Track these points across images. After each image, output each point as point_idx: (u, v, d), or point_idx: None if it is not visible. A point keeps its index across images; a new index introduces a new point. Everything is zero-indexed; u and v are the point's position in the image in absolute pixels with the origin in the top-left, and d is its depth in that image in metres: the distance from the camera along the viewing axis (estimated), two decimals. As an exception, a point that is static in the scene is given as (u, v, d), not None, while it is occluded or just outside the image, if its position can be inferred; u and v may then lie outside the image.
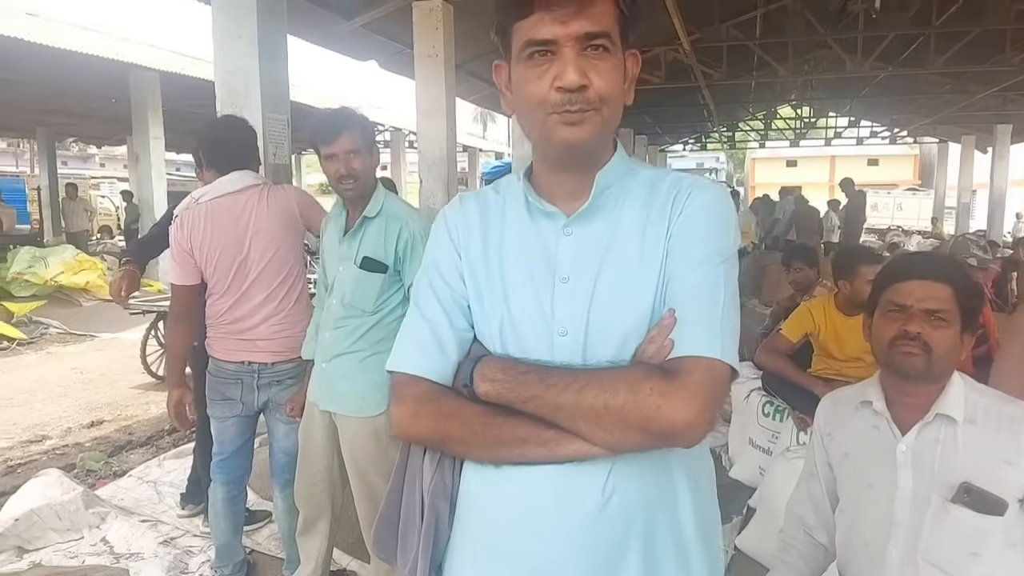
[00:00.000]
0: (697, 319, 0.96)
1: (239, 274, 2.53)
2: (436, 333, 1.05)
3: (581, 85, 0.92)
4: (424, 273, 1.11)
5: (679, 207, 1.01)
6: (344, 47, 8.52)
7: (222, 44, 4.26)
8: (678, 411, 0.90)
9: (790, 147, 22.54)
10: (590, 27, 0.93)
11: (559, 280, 1.01)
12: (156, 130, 11.59)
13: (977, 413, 1.45)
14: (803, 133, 20.42)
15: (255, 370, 2.57)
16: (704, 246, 0.99)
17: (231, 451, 2.68)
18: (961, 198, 19.85)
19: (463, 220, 1.11)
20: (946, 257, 1.75)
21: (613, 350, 0.98)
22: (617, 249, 1.01)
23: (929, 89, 13.73)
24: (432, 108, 7.15)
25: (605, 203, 1.03)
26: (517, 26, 0.96)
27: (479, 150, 25.76)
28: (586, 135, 0.96)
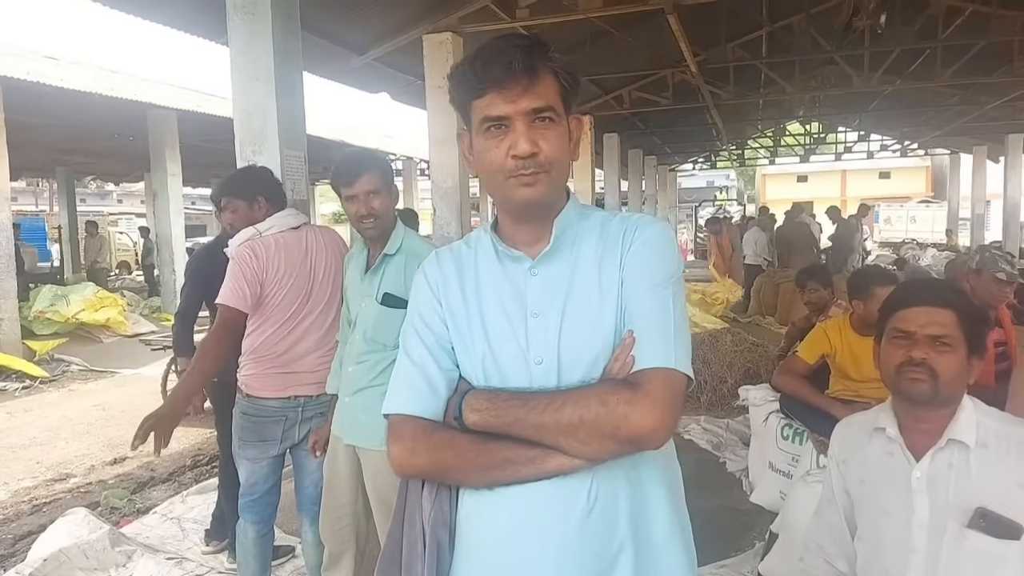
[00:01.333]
0: (652, 336, 1.10)
1: (301, 306, 2.61)
2: (426, 375, 1.17)
3: (532, 153, 1.09)
4: (409, 323, 1.24)
5: (628, 241, 1.16)
6: (357, 81, 8.68)
7: (240, 85, 4.37)
8: (643, 417, 1.03)
9: (800, 163, 22.51)
10: (536, 103, 1.09)
11: (530, 315, 1.15)
12: (174, 167, 11.81)
13: (988, 437, 1.46)
14: (813, 149, 20.46)
15: (300, 404, 2.62)
16: (653, 273, 1.13)
17: (263, 491, 2.70)
18: (975, 209, 19.71)
19: (440, 272, 1.25)
20: (947, 283, 1.77)
21: (583, 372, 1.12)
22: (579, 283, 1.15)
23: (938, 101, 13.74)
24: (444, 137, 7.24)
25: (563, 244, 1.18)
26: (474, 104, 1.11)
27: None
28: (539, 194, 1.12)
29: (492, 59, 1.08)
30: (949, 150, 21.99)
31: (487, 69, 1.08)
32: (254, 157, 4.22)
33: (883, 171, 33.65)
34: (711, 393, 5.88)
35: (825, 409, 3.29)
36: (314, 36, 6.63)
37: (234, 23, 4.34)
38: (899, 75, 10.85)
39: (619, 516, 1.11)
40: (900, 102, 14.20)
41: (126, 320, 10.83)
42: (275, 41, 4.27)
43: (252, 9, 4.29)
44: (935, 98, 13.53)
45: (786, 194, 32.81)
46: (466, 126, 1.17)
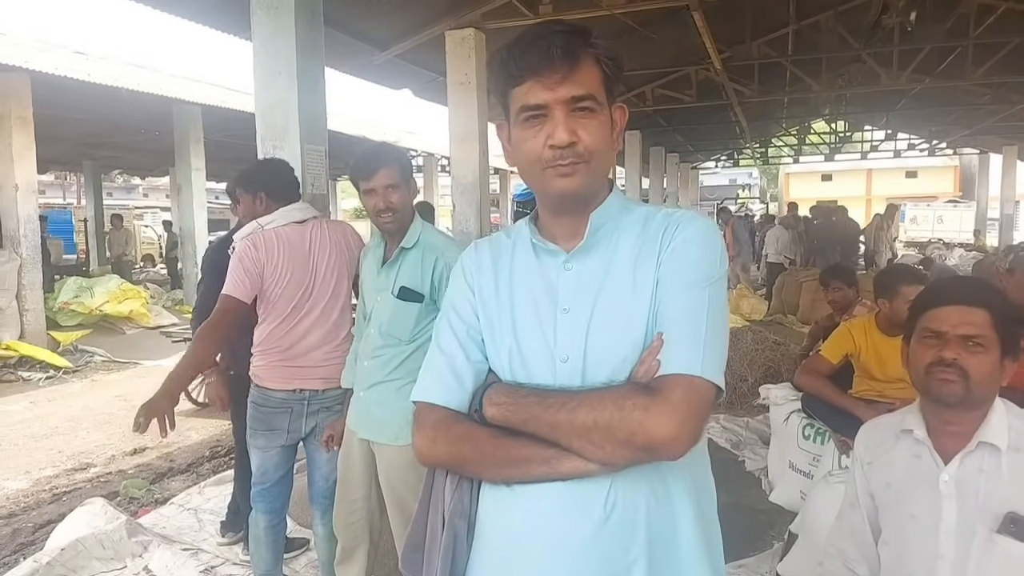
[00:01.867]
0: (681, 339, 1.05)
1: (303, 301, 2.61)
2: (453, 365, 1.16)
3: (570, 142, 1.05)
4: (444, 312, 1.23)
5: (668, 239, 1.11)
6: (379, 77, 8.69)
7: (263, 80, 4.37)
8: (659, 425, 0.98)
9: (825, 161, 22.23)
10: (576, 91, 1.05)
11: (560, 311, 1.12)
12: (197, 161, 11.93)
13: (1021, 440, 1.41)
14: (838, 147, 20.18)
15: (305, 397, 2.63)
16: (690, 273, 1.08)
17: (273, 480, 2.71)
18: (1004, 209, 19.34)
19: (476, 263, 1.24)
20: (982, 281, 1.72)
21: (610, 372, 1.07)
22: (612, 281, 1.11)
23: (968, 100, 13.48)
24: (465, 134, 7.24)
25: (600, 239, 1.14)
26: (513, 92, 1.09)
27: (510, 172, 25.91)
28: (577, 185, 1.08)
29: (530, 46, 1.05)
30: (978, 149, 21.57)
31: (525, 56, 1.06)
32: (274, 152, 4.23)
33: (910, 170, 33.11)
34: (731, 391, 5.82)
35: (849, 409, 3.23)
36: (337, 32, 6.64)
37: (258, 17, 4.35)
38: (928, 73, 10.66)
39: (638, 527, 1.06)
40: (929, 101, 13.95)
41: (149, 312, 10.97)
42: (298, 36, 4.27)
43: (276, 4, 4.30)
44: (965, 97, 13.26)
45: (810, 193, 32.46)
46: (504, 116, 1.15)
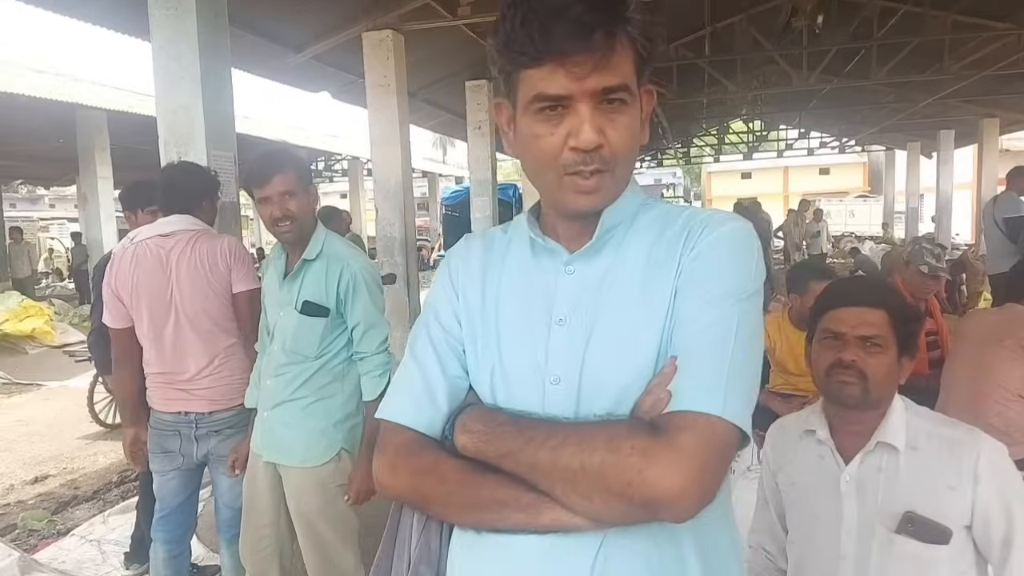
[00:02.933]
0: (699, 367, 0.83)
1: (165, 320, 2.45)
2: (427, 380, 0.97)
3: (598, 145, 0.85)
4: (422, 316, 1.05)
5: (691, 242, 0.90)
6: (294, 79, 8.48)
7: (164, 84, 4.18)
8: (663, 476, 0.77)
9: (744, 160, 22.98)
10: (608, 81, 0.84)
11: (555, 322, 0.92)
12: (104, 170, 11.37)
13: (919, 439, 1.42)
14: (756, 146, 20.90)
15: (192, 420, 2.48)
16: (717, 283, 0.87)
17: (173, 507, 2.56)
18: (909, 203, 20.42)
19: (464, 261, 1.05)
20: (880, 282, 1.75)
21: (610, 402, 0.87)
22: (620, 289, 0.91)
23: (874, 99, 14.15)
24: (386, 137, 7.12)
25: (611, 240, 0.94)
26: (525, 73, 0.86)
27: (439, 175, 25.76)
28: (599, 201, 0.90)
29: (555, 18, 0.81)
30: (885, 146, 22.73)
31: (548, 31, 0.81)
32: (178, 158, 4.03)
33: (823, 167, 34.59)
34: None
35: (764, 404, 3.30)
36: (246, 33, 6.43)
37: (156, 19, 4.15)
38: (836, 74, 11.13)
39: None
40: (838, 100, 14.59)
41: (53, 330, 10.35)
42: (200, 37, 4.09)
43: (175, 5, 4.10)
44: (871, 96, 13.93)
45: (731, 191, 33.66)
46: (506, 94, 0.92)
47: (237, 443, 2.47)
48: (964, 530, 1.36)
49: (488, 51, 0.92)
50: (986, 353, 2.88)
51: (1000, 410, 2.80)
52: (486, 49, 0.92)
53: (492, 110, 0.97)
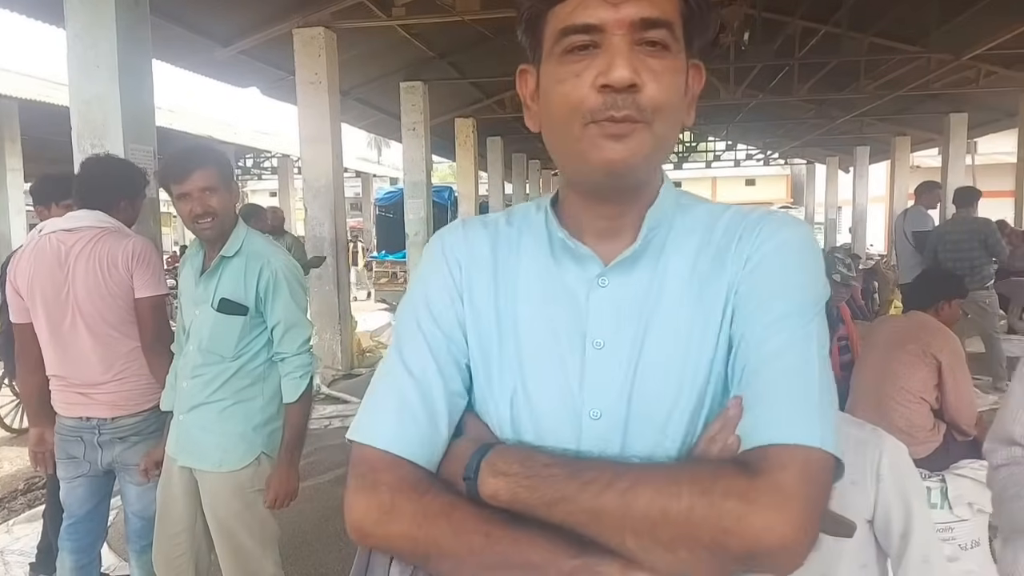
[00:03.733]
0: (785, 395, 0.72)
1: (61, 320, 2.33)
2: (426, 396, 0.79)
3: (631, 83, 0.70)
4: (411, 311, 0.84)
5: (745, 250, 0.78)
6: (221, 74, 8.22)
7: (79, 73, 4.00)
8: (769, 521, 0.65)
9: (674, 170, 23.53)
10: (648, 12, 0.71)
11: (592, 345, 0.78)
12: (14, 161, 10.77)
13: None
14: (685, 156, 21.44)
15: (94, 426, 2.37)
16: (786, 299, 0.75)
17: (80, 515, 2.45)
18: (828, 214, 21.38)
19: (467, 252, 0.86)
20: None
21: (653, 439, 0.76)
22: (666, 308, 0.78)
23: (796, 115, 14.77)
24: (316, 135, 7.00)
25: (650, 247, 0.81)
26: (552, 12, 0.74)
27: (373, 176, 25.45)
28: (632, 154, 0.73)
29: None
30: (806, 160, 23.74)
31: None
32: (92, 151, 3.85)
33: (749, 179, 35.75)
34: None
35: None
36: (171, 24, 6.21)
37: (71, 5, 3.98)
38: (761, 89, 11.55)
39: None
40: (763, 115, 15.13)
41: (-43, 330, 9.74)
42: (119, 26, 3.94)
43: (92, -10, 3.93)
44: (793, 112, 14.52)
45: (662, 199, 34.42)
46: (532, 58, 0.80)
47: (145, 450, 2.37)
48: (867, 524, 1.43)
49: (516, 7, 0.80)
50: (891, 358, 3.04)
51: (903, 411, 2.96)
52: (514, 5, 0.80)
53: (516, 83, 0.84)
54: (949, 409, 2.97)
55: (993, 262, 6.14)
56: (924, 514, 1.49)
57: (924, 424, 2.96)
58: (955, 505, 2.76)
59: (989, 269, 6.10)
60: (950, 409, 2.97)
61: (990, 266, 6.11)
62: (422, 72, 9.51)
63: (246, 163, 21.43)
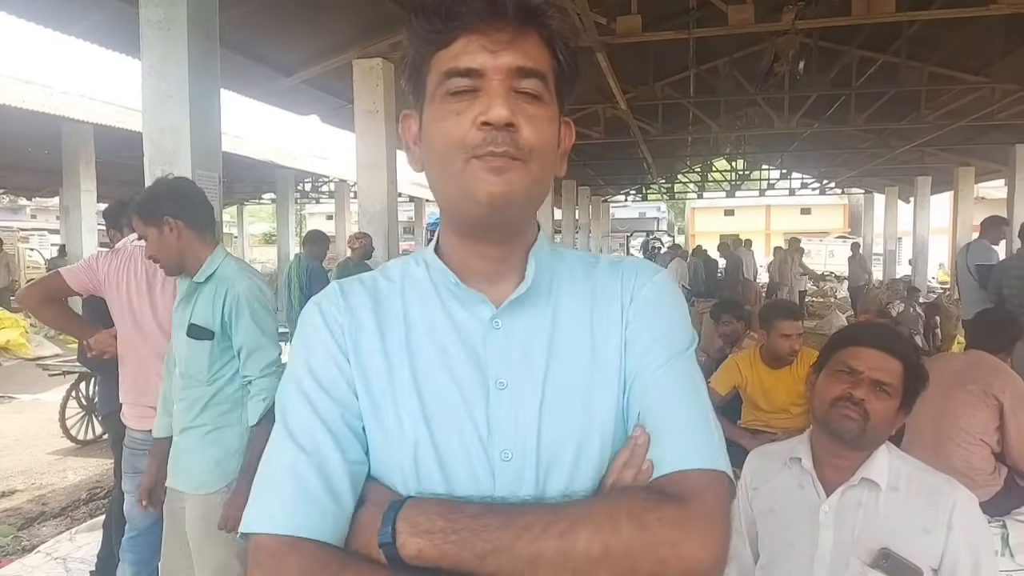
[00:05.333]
0: (688, 424, 0.78)
1: (144, 331, 2.50)
2: (324, 470, 0.75)
3: (509, 122, 0.75)
4: (294, 384, 0.81)
5: (629, 292, 0.85)
6: (284, 102, 8.53)
7: (152, 103, 4.21)
8: (699, 546, 0.69)
9: (727, 197, 23.29)
10: (524, 62, 0.77)
11: (495, 386, 0.79)
12: (88, 183, 11.31)
13: (900, 480, 1.48)
14: (738, 184, 21.19)
15: None
16: (670, 337, 0.83)
17: (142, 528, 2.55)
18: (887, 245, 20.78)
19: (347, 310, 0.84)
20: (905, 335, 1.82)
21: (566, 476, 0.78)
22: (564, 344, 0.82)
23: (853, 144, 14.48)
24: (372, 162, 7.18)
25: (539, 288, 0.84)
26: (436, 57, 0.79)
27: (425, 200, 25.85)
28: (512, 187, 0.76)
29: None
30: (864, 189, 23.16)
31: (460, 4, 0.76)
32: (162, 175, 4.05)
33: (804, 207, 35.12)
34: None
35: (735, 440, 3.34)
36: (237, 55, 6.49)
37: (147, 37, 4.20)
38: (817, 118, 11.39)
39: None
40: (818, 143, 14.88)
41: (28, 342, 10.22)
42: (191, 59, 4.14)
43: (167, 24, 4.16)
44: (850, 141, 14.25)
45: (714, 227, 34.12)
46: (416, 103, 0.84)
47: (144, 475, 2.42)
48: (932, 572, 1.41)
49: (399, 57, 0.84)
50: (950, 397, 2.95)
51: (963, 453, 2.86)
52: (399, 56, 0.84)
53: (399, 128, 0.90)
54: (1011, 452, 2.86)
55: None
56: (992, 569, 1.46)
57: (984, 467, 2.86)
58: (1016, 553, 2.66)
59: (1057, 306, 5.85)
60: (1012, 452, 2.86)
61: (1058, 303, 5.86)
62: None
63: (304, 187, 22.06)
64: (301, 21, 6.50)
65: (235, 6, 5.58)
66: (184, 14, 4.10)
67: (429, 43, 0.79)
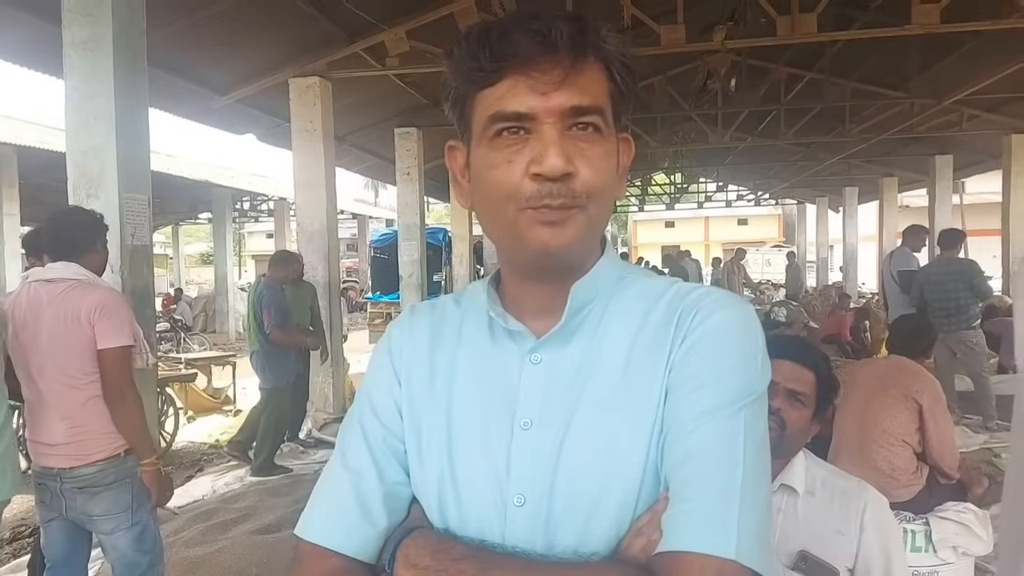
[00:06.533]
0: (701, 495, 0.67)
1: (33, 367, 2.43)
2: (360, 489, 0.78)
3: (566, 172, 0.69)
4: (357, 407, 0.85)
5: (683, 329, 0.74)
6: (219, 121, 8.37)
7: (76, 125, 4.08)
8: None
9: (667, 210, 23.80)
10: (579, 100, 0.70)
11: (519, 426, 0.75)
12: (11, 206, 10.87)
13: (816, 485, 1.54)
14: (677, 197, 21.71)
15: (55, 475, 2.43)
16: (720, 385, 0.71)
17: (59, 560, 2.50)
18: (820, 253, 21.58)
19: (409, 338, 0.85)
20: (816, 347, 1.89)
21: (578, 529, 0.72)
22: (596, 385, 0.74)
23: (784, 157, 15.04)
24: (310, 181, 7.11)
25: (585, 323, 0.78)
26: (481, 95, 0.73)
27: (369, 217, 25.65)
28: (569, 240, 0.72)
29: (517, 28, 0.69)
30: (796, 200, 24.03)
31: (507, 37, 0.69)
32: (88, 200, 3.93)
33: (741, 218, 36.09)
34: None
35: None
36: (169, 75, 6.35)
37: (71, 59, 4.06)
38: (749, 133, 11.79)
39: None
40: (752, 156, 15.41)
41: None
42: (117, 80, 4.03)
43: (92, 45, 4.03)
44: (781, 154, 14.80)
45: (656, 238, 34.92)
46: (461, 136, 0.78)
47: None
48: (848, 572, 1.47)
49: (441, 86, 0.78)
50: (873, 401, 3.08)
51: (886, 454, 2.98)
52: (440, 83, 0.79)
53: (445, 157, 0.84)
54: (932, 452, 2.99)
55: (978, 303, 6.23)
56: (903, 567, 1.53)
57: (907, 467, 2.99)
58: (939, 548, 2.77)
59: (975, 309, 6.18)
60: (932, 452, 2.99)
61: (976, 306, 6.19)
62: (416, 118, 9.68)
63: (243, 206, 21.61)
64: (235, 40, 6.41)
65: (165, 25, 5.47)
66: (109, 35, 3.99)
67: (473, 81, 0.73)
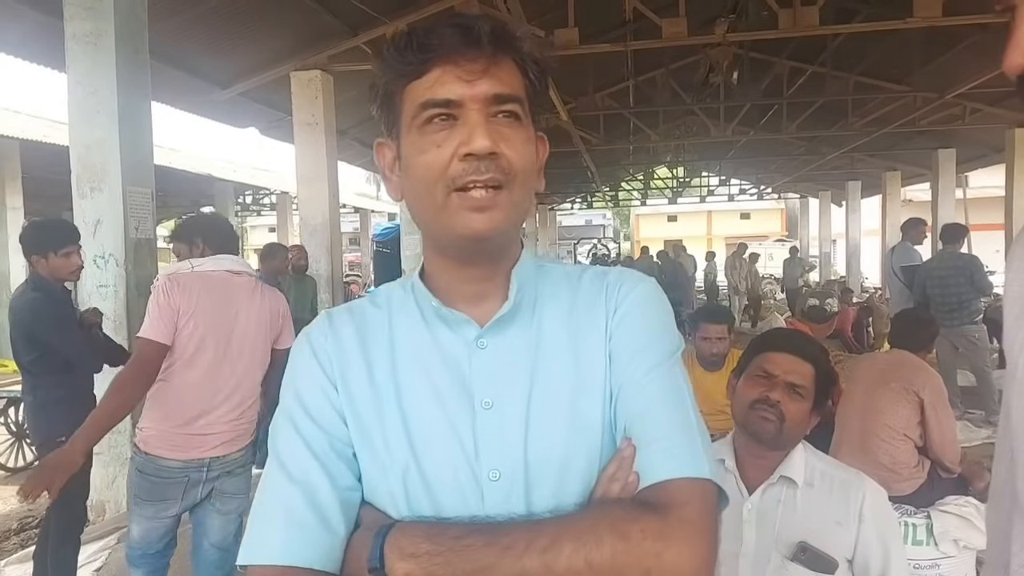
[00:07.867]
0: (670, 434, 0.77)
1: (214, 353, 2.44)
2: (314, 499, 0.76)
3: (492, 152, 0.75)
4: (285, 416, 0.82)
5: (613, 302, 0.85)
6: (221, 115, 8.39)
7: (79, 118, 4.10)
8: (684, 556, 0.69)
9: (669, 204, 23.78)
10: (500, 88, 0.77)
11: (480, 406, 0.80)
12: (14, 199, 10.87)
13: (815, 477, 1.56)
14: (679, 191, 21.68)
15: (205, 464, 2.43)
16: (655, 346, 0.82)
17: (158, 548, 2.49)
18: (822, 247, 21.55)
19: (335, 342, 0.85)
20: (815, 341, 1.91)
21: (552, 491, 0.78)
22: (547, 361, 0.82)
23: (787, 151, 15.02)
24: (312, 175, 7.12)
25: (521, 307, 0.84)
26: (409, 88, 0.78)
27: (371, 211, 25.65)
28: (496, 223, 0.77)
29: (442, 24, 0.77)
30: (799, 194, 23.98)
31: (433, 34, 0.76)
32: (91, 193, 3.96)
33: (743, 212, 36.06)
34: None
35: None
36: (171, 68, 6.37)
37: (73, 52, 4.08)
38: (751, 126, 11.77)
39: None
40: (754, 150, 15.37)
41: (-48, 367, 9.73)
42: (119, 73, 4.05)
43: (94, 40, 4.05)
44: (784, 148, 14.77)
45: (658, 233, 34.83)
46: (389, 132, 0.83)
47: (244, 481, 2.55)
48: (847, 563, 1.48)
49: (369, 89, 0.84)
50: (875, 395, 3.08)
51: (888, 448, 2.99)
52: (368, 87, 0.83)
53: (374, 155, 0.86)
54: (933, 446, 3.00)
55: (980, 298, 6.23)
56: (901, 557, 1.55)
57: (908, 461, 2.99)
58: (941, 542, 2.78)
59: (977, 304, 6.18)
60: (934, 446, 3.00)
61: (978, 301, 6.19)
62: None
63: (245, 199, 21.61)
64: (237, 33, 6.42)
65: (167, 18, 5.48)
66: (112, 28, 4.00)
67: (402, 75, 0.78)
